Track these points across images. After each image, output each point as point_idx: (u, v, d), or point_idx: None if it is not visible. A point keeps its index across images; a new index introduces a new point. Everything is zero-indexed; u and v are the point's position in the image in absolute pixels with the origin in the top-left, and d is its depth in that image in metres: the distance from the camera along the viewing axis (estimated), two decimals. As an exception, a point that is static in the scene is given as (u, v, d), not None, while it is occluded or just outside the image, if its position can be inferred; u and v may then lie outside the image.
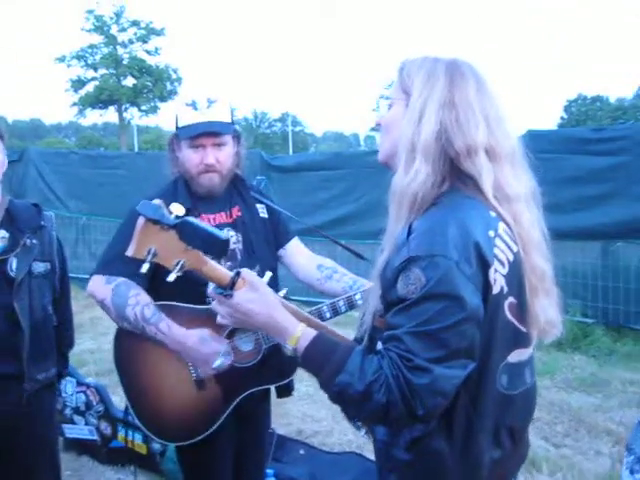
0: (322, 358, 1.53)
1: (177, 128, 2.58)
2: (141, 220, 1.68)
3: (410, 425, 1.55)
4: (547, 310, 1.65)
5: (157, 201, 1.72)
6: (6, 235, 2.63)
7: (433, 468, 1.58)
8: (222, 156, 2.57)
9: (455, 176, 1.57)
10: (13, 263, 2.59)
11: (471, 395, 1.53)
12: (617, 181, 6.53)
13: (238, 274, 1.71)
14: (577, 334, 6.54)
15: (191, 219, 1.72)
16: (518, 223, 1.59)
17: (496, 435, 1.59)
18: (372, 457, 3.92)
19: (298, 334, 1.59)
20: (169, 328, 2.37)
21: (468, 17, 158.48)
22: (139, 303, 2.40)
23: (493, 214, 1.55)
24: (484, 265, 1.47)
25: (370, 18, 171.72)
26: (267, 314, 1.65)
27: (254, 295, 1.68)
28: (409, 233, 1.50)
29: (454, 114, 1.55)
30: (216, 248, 1.71)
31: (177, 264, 1.68)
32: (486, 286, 1.48)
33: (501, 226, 1.54)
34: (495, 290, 1.49)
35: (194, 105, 2.53)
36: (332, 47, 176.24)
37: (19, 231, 2.64)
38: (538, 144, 6.78)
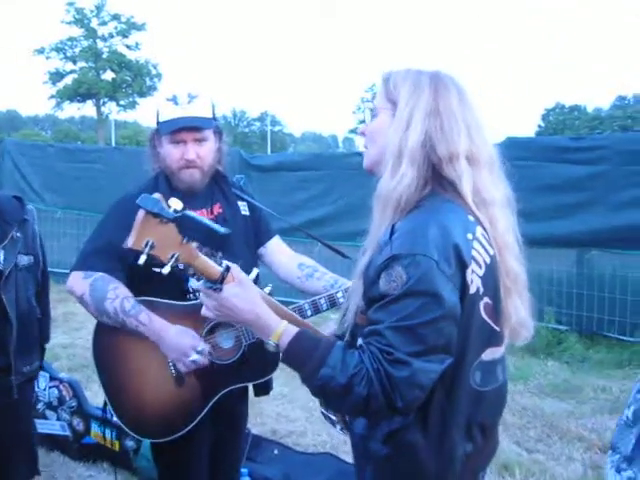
0: (304, 353, 1.59)
1: (158, 123, 2.56)
2: (141, 213, 1.71)
3: (389, 417, 1.60)
4: (519, 310, 1.75)
5: (157, 195, 1.75)
6: None
7: (409, 460, 1.63)
8: (203, 151, 2.55)
9: (436, 181, 1.64)
10: (1, 255, 2.57)
11: (446, 390, 1.59)
12: (594, 190, 6.58)
13: (228, 269, 1.74)
14: (551, 340, 6.59)
15: (190, 213, 1.78)
16: (494, 227, 1.67)
17: (468, 430, 1.65)
18: (346, 458, 3.96)
19: (280, 330, 1.64)
20: (149, 319, 2.36)
21: (445, 24, 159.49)
22: (118, 296, 2.38)
23: (471, 218, 1.62)
24: (462, 266, 1.54)
25: (354, 20, 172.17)
26: (251, 310, 1.69)
27: (240, 290, 1.71)
28: (392, 233, 1.57)
29: (438, 122, 1.63)
30: (215, 241, 1.79)
31: (172, 257, 1.72)
32: (463, 286, 1.55)
33: (478, 230, 1.62)
34: (472, 290, 1.56)
35: (175, 100, 2.51)
36: (313, 48, 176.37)
37: (6, 224, 2.61)
38: (516, 151, 6.84)
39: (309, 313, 2.43)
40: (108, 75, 49.43)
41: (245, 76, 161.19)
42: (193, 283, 2.53)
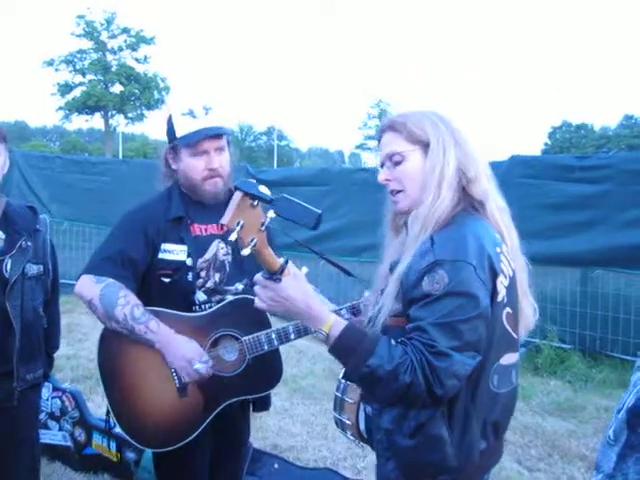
0: (353, 344, 1.73)
1: (174, 139, 2.58)
2: (239, 194, 1.77)
3: (424, 406, 1.74)
4: (530, 309, 1.99)
5: (252, 180, 1.83)
6: (2, 236, 2.63)
7: (434, 452, 1.78)
8: (223, 160, 2.60)
9: (467, 200, 1.86)
10: (8, 264, 2.60)
11: (471, 389, 1.77)
12: (599, 209, 6.58)
13: (287, 261, 1.86)
14: (554, 359, 6.58)
15: (287, 196, 1.89)
16: (510, 236, 1.91)
17: (484, 429, 1.83)
18: (346, 473, 3.95)
19: (331, 322, 1.78)
20: (158, 327, 2.40)
21: (453, 40, 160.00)
22: (129, 303, 2.41)
23: (497, 236, 1.84)
24: (493, 274, 1.75)
25: (362, 38, 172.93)
26: (304, 301, 1.81)
27: (296, 283, 1.83)
28: (432, 243, 1.75)
29: (462, 151, 1.87)
30: (311, 220, 1.89)
31: (252, 241, 1.79)
32: (493, 292, 1.75)
33: (504, 247, 1.83)
34: (499, 298, 1.77)
35: (192, 114, 2.55)
36: (320, 65, 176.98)
37: (16, 233, 2.65)
38: (522, 169, 6.86)
39: (292, 337, 2.45)
40: (116, 88, 49.61)
41: (252, 91, 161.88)
42: (200, 296, 2.55)
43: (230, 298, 2.56)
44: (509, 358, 1.86)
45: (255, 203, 1.79)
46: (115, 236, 2.59)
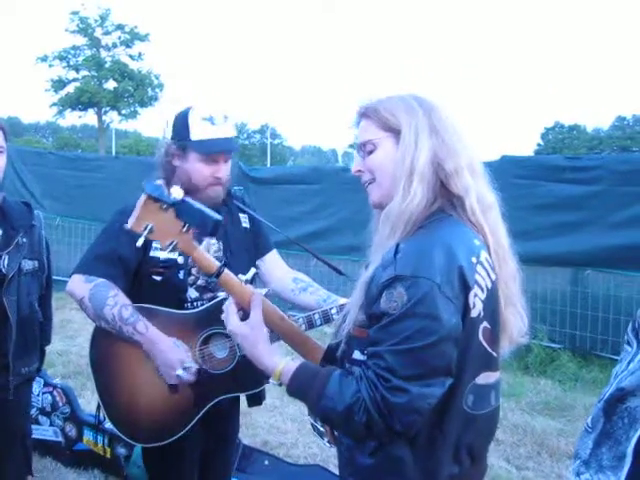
0: (304, 389, 1.67)
1: (186, 139, 2.56)
2: (143, 196, 1.77)
3: (393, 439, 1.61)
4: (517, 319, 1.78)
5: (159, 181, 1.81)
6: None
7: (393, 475, 1.64)
8: (228, 169, 2.63)
9: (445, 197, 1.69)
10: (5, 260, 2.62)
11: (438, 410, 1.58)
12: (590, 210, 6.60)
13: (225, 265, 1.84)
14: (544, 359, 6.61)
15: (189, 200, 1.84)
16: (494, 234, 1.72)
17: (456, 452, 1.65)
18: (336, 470, 3.94)
19: (279, 371, 1.73)
20: (146, 329, 2.40)
21: (450, 38, 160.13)
22: (117, 304, 2.42)
23: (477, 242, 1.66)
24: (465, 288, 1.57)
25: (356, 37, 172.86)
26: (252, 353, 1.80)
27: (248, 332, 1.82)
28: (396, 252, 1.58)
29: (440, 139, 1.68)
30: (208, 227, 1.85)
31: (170, 244, 1.79)
32: (465, 308, 1.57)
33: (483, 254, 1.65)
34: (473, 314, 1.59)
35: (212, 120, 2.55)
36: (314, 64, 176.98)
37: (12, 229, 2.66)
38: (513, 170, 6.88)
39: (303, 328, 2.45)
40: (110, 84, 49.45)
41: (246, 88, 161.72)
42: (192, 293, 2.57)
43: (222, 295, 2.58)
44: (487, 377, 1.69)
45: (165, 206, 1.78)
46: (106, 235, 2.59)
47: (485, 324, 1.63)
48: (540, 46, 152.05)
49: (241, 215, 2.79)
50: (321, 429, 2.04)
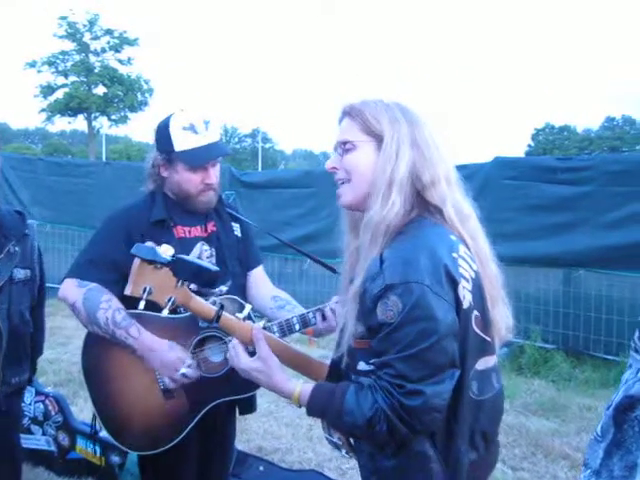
0: (322, 408, 1.74)
1: (171, 151, 2.54)
2: (137, 261, 1.83)
3: (417, 440, 1.68)
4: (504, 317, 1.86)
5: (149, 243, 1.88)
6: None
7: (419, 470, 1.70)
8: (218, 173, 2.61)
9: (422, 206, 1.74)
10: None
11: (450, 402, 1.65)
12: (581, 210, 6.62)
13: (222, 307, 1.89)
14: (537, 359, 6.62)
15: (183, 256, 1.91)
16: (475, 241, 1.79)
17: (472, 439, 1.73)
18: (331, 475, 3.95)
19: (297, 394, 1.79)
20: (139, 333, 2.39)
21: (439, 41, 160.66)
22: (110, 307, 2.41)
23: (454, 237, 1.72)
24: (453, 283, 1.63)
25: (347, 39, 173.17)
26: (267, 383, 1.87)
27: (261, 366, 1.87)
28: (381, 262, 1.64)
29: (420, 152, 1.73)
30: (206, 279, 1.93)
31: (169, 300, 1.84)
32: (457, 302, 1.64)
33: (461, 248, 1.71)
34: (465, 305, 1.66)
35: (193, 129, 2.52)
36: (305, 67, 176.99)
37: (4, 237, 2.64)
38: (504, 171, 6.89)
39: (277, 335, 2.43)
40: (100, 90, 49.35)
41: (237, 92, 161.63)
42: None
43: (213, 299, 2.56)
44: (485, 362, 1.75)
45: (158, 265, 1.83)
46: (98, 239, 2.58)
47: (476, 312, 1.70)
48: (529, 48, 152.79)
49: (233, 224, 2.77)
50: (338, 442, 2.05)
